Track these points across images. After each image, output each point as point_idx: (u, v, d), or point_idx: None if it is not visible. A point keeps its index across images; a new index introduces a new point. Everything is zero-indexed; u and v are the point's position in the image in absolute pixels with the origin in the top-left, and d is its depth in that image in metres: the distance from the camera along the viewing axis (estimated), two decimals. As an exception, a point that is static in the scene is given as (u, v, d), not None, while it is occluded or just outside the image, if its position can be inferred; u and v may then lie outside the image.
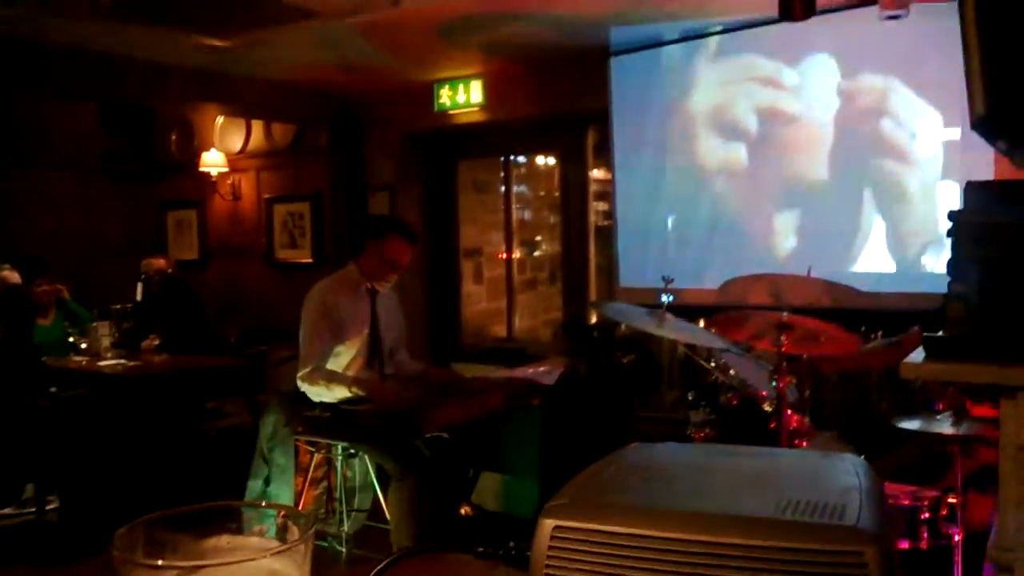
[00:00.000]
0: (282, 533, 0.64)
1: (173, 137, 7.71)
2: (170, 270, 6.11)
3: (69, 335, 5.34)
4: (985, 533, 1.75)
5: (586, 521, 0.70)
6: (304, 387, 3.73)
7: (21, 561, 4.00)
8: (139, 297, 6.00)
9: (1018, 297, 1.48)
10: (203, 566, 0.59)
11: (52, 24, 4.61)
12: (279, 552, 0.61)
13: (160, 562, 0.59)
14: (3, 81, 5.07)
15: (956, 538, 2.75)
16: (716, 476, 0.83)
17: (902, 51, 4.45)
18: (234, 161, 7.32)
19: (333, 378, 3.71)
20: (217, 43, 4.96)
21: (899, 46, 4.44)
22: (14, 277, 4.84)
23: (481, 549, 0.84)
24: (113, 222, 7.52)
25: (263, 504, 0.67)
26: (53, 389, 4.67)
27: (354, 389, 3.66)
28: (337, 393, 3.68)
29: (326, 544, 3.75)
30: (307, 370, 3.71)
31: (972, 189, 1.62)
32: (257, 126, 7.19)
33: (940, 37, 4.27)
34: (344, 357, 3.83)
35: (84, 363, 5.11)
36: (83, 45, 5.03)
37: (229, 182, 7.45)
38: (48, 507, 4.52)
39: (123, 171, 7.73)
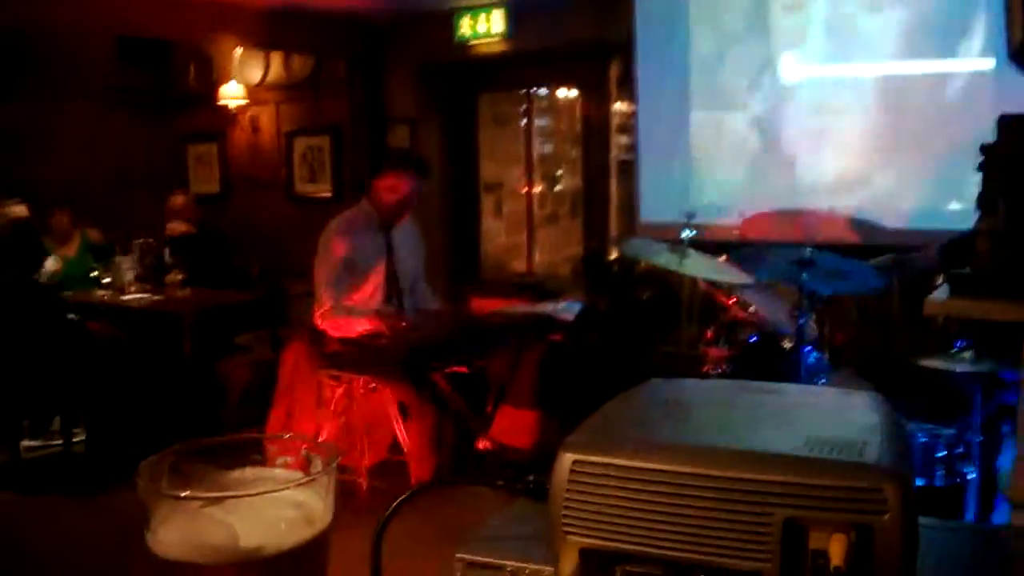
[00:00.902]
0: (306, 465, 0.65)
1: (191, 69, 7.65)
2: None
3: (93, 270, 5.38)
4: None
5: (605, 455, 0.71)
6: (324, 324, 3.75)
7: (50, 490, 4.11)
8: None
9: (1048, 234, 1.46)
10: (228, 497, 0.60)
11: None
12: (303, 483, 0.62)
13: (186, 492, 0.60)
14: (19, 14, 5.02)
15: (970, 476, 2.76)
16: (735, 412, 0.83)
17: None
18: (253, 93, 7.27)
19: (352, 313, 3.73)
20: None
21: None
22: (22, 211, 4.81)
23: (501, 482, 0.85)
24: (134, 155, 7.50)
25: (287, 436, 0.67)
26: (72, 316, 4.70)
27: (373, 323, 3.69)
28: (356, 327, 3.71)
29: (346, 477, 3.81)
30: (326, 308, 3.73)
31: (1006, 123, 1.59)
32: (276, 58, 7.11)
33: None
34: (363, 292, 3.84)
35: (107, 297, 5.15)
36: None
37: (248, 115, 7.42)
38: (75, 439, 4.61)
39: (142, 103, 7.69)
